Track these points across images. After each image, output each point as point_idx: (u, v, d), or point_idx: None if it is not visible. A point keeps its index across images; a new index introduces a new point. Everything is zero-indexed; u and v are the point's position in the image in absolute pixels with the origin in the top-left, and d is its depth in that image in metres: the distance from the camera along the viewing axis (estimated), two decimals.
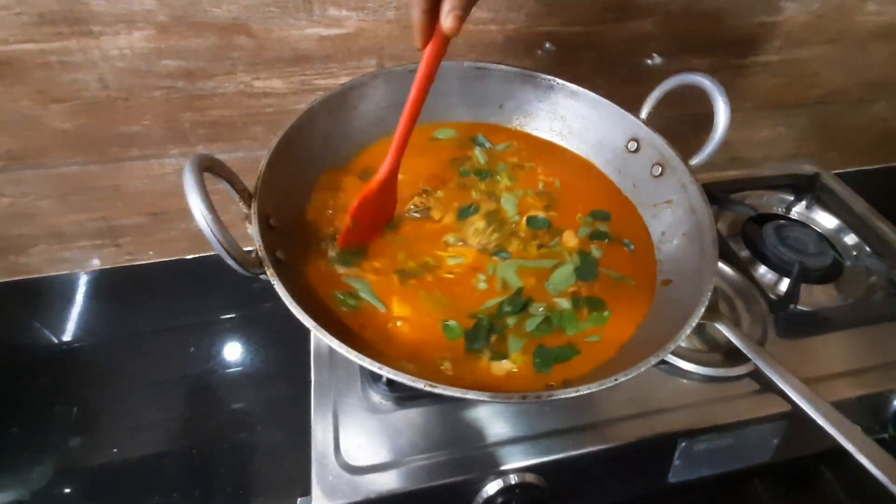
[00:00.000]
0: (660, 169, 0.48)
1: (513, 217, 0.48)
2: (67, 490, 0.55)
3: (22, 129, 0.54)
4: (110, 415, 0.61)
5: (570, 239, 0.48)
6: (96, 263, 0.69)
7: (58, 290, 0.69)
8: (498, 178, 0.52)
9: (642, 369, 0.32)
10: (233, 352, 0.67)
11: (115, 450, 0.57)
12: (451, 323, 0.40)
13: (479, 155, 0.53)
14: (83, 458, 0.57)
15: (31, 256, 0.66)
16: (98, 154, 0.58)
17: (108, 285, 0.70)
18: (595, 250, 0.47)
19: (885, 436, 0.51)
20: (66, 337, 0.66)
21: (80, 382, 0.63)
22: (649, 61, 0.66)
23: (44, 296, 0.69)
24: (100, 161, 0.59)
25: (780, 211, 0.70)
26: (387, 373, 0.30)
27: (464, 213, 0.48)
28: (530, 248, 0.46)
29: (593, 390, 0.31)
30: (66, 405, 0.61)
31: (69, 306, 0.68)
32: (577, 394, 0.31)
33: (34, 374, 0.63)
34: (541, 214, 0.49)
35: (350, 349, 0.31)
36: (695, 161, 0.46)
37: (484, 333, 0.39)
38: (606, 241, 0.47)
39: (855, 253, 0.65)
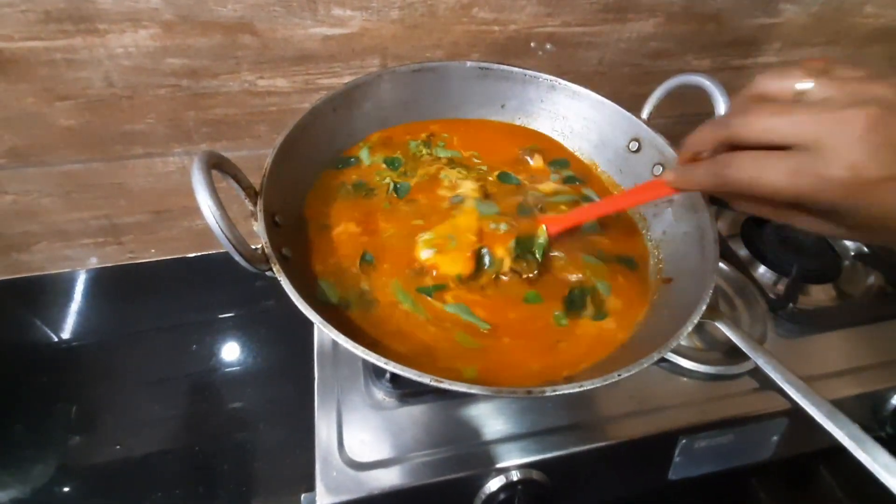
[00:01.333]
0: (661, 168, 0.48)
1: (480, 166, 0.51)
2: (68, 488, 0.55)
3: (26, 126, 0.54)
4: (112, 413, 0.61)
5: (546, 186, 0.50)
6: (95, 262, 0.69)
7: (60, 288, 0.69)
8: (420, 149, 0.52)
9: (645, 365, 0.32)
10: (235, 350, 0.67)
11: (117, 447, 0.58)
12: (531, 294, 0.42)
13: (364, 158, 0.51)
14: (84, 455, 0.57)
15: (34, 254, 0.66)
16: (102, 152, 0.58)
17: (110, 283, 0.70)
18: (588, 192, 0.51)
19: (883, 434, 0.52)
20: (68, 335, 0.66)
21: (81, 380, 0.63)
22: (649, 62, 0.67)
23: (46, 293, 0.69)
24: (104, 159, 0.59)
25: None
26: (392, 368, 0.31)
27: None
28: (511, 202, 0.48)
29: (597, 385, 0.31)
30: (68, 403, 0.61)
31: (71, 304, 0.69)
32: (581, 389, 0.31)
33: (35, 372, 0.63)
34: (510, 172, 0.51)
35: (356, 344, 0.31)
36: None
37: (579, 299, 0.42)
38: (579, 182, 0.52)
39: (853, 253, 0.66)
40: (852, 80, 0.27)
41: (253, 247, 0.34)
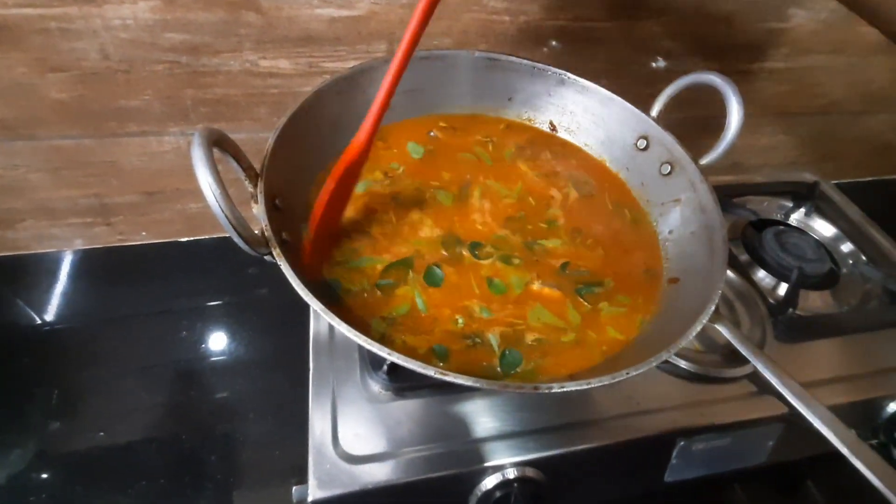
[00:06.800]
0: (669, 168, 0.48)
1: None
2: (46, 475, 0.54)
3: (16, 97, 0.52)
4: (96, 399, 0.59)
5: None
6: (82, 243, 0.67)
7: (45, 268, 0.67)
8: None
9: (654, 364, 0.32)
10: (225, 338, 0.65)
11: (100, 433, 0.56)
12: None
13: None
14: (65, 441, 0.56)
15: (19, 232, 0.64)
16: (94, 128, 0.56)
17: (98, 265, 0.68)
18: None
19: (875, 442, 0.52)
20: (51, 317, 0.64)
21: (64, 364, 0.61)
22: (655, 64, 0.66)
23: (30, 273, 0.67)
24: (96, 135, 0.57)
25: (779, 217, 0.71)
26: (395, 358, 0.30)
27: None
28: None
29: (604, 383, 0.31)
30: (49, 387, 0.59)
31: (56, 285, 0.66)
32: (589, 386, 0.30)
33: (16, 355, 0.61)
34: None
35: (358, 333, 0.30)
36: (705, 160, 0.46)
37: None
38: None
39: (851, 261, 0.66)
40: None
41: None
